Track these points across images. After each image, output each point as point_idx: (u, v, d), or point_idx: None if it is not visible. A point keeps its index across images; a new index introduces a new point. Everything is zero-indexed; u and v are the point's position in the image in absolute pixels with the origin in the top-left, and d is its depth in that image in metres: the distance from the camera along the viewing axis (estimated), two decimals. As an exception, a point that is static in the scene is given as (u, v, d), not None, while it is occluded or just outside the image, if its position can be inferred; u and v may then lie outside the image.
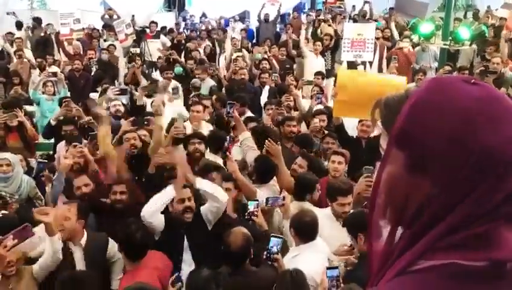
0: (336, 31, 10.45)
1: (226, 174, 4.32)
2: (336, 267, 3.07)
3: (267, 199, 4.04)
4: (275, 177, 4.51)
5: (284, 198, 4.02)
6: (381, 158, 0.85)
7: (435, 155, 0.76)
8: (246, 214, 3.82)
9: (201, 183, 3.78)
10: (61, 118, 6.03)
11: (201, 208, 3.84)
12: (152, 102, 6.34)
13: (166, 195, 3.69)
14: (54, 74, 8.00)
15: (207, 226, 3.83)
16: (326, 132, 5.86)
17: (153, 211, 3.62)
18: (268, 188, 4.42)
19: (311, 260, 3.31)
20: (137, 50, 10.45)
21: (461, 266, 0.74)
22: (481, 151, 0.73)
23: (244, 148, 4.79)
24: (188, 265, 3.70)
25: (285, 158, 4.66)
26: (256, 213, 3.80)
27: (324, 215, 3.81)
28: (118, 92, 6.94)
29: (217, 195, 3.74)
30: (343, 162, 4.65)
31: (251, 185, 4.35)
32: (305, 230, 3.47)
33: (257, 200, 3.95)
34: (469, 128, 0.74)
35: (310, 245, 3.45)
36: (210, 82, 8.59)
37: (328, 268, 3.05)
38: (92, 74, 9.38)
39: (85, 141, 5.19)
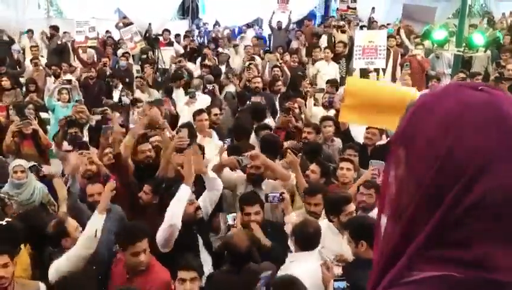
0: (351, 37, 10.43)
1: (250, 196, 4.20)
2: (343, 279, 3.05)
3: (266, 196, 4.05)
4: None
5: (282, 193, 4.04)
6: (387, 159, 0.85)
7: (416, 155, 0.76)
8: (226, 226, 3.83)
9: (213, 173, 4.06)
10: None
11: (198, 201, 3.95)
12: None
13: (184, 195, 3.65)
14: (69, 82, 8.12)
15: (204, 219, 3.95)
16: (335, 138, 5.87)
17: (179, 216, 3.57)
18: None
19: (305, 267, 3.29)
20: (152, 55, 10.61)
21: (458, 279, 0.72)
22: (447, 156, 0.72)
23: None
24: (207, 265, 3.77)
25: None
26: (235, 226, 3.82)
27: (326, 227, 3.79)
28: None
29: (219, 183, 3.98)
30: (351, 169, 4.61)
31: (283, 169, 4.35)
32: (307, 240, 3.45)
33: (234, 213, 3.96)
34: (441, 131, 0.73)
35: (308, 254, 3.43)
36: (230, 89, 8.61)
37: (335, 280, 3.03)
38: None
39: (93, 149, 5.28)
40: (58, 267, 3.36)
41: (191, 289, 3.03)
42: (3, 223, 3.49)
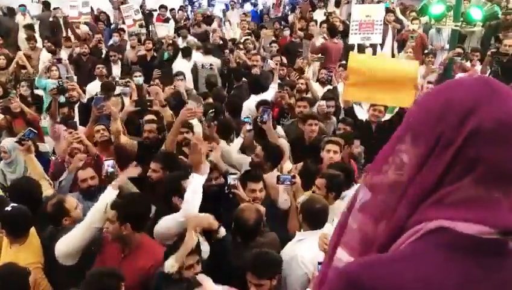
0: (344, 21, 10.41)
1: (255, 174, 4.12)
2: None
3: (278, 177, 4.04)
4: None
5: (294, 176, 4.02)
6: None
7: (418, 123, 0.87)
8: (226, 187, 3.83)
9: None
10: (61, 101, 6.05)
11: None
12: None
13: (199, 183, 3.51)
14: (59, 60, 8.02)
15: None
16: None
17: (197, 209, 3.46)
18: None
19: (312, 247, 3.26)
20: (143, 30, 10.44)
21: (464, 237, 0.77)
22: (443, 110, 0.84)
23: None
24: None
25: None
26: (236, 186, 3.82)
27: None
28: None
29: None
30: (338, 152, 4.48)
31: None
32: (315, 217, 3.44)
33: (236, 173, 3.96)
34: (438, 101, 0.86)
35: (317, 232, 3.39)
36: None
37: (319, 263, 3.00)
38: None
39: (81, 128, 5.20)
40: (67, 241, 3.35)
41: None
42: (9, 208, 3.41)
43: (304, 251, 3.26)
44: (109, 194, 3.54)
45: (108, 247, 3.41)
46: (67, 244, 3.34)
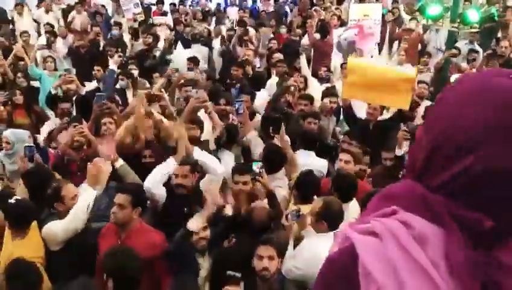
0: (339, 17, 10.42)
1: (242, 166, 4.18)
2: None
3: (286, 215, 3.68)
4: (283, 171, 4.37)
5: (300, 209, 3.68)
6: None
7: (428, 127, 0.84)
8: (251, 174, 3.78)
9: (199, 154, 4.00)
10: (59, 94, 6.05)
11: (201, 182, 3.97)
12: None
13: (167, 166, 3.87)
14: (47, 46, 7.96)
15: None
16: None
17: (154, 181, 3.77)
18: (277, 178, 4.27)
19: (321, 245, 3.22)
20: (135, 25, 10.44)
21: None
22: (438, 133, 0.78)
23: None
24: None
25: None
26: (261, 174, 3.78)
27: None
28: None
29: (214, 167, 3.96)
30: (351, 161, 4.35)
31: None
32: (334, 219, 3.32)
33: (260, 161, 3.99)
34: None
35: (331, 234, 3.30)
36: None
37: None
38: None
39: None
40: (50, 233, 3.45)
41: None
42: (13, 201, 3.43)
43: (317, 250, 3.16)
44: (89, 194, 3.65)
45: (105, 233, 3.50)
46: (48, 235, 3.46)
